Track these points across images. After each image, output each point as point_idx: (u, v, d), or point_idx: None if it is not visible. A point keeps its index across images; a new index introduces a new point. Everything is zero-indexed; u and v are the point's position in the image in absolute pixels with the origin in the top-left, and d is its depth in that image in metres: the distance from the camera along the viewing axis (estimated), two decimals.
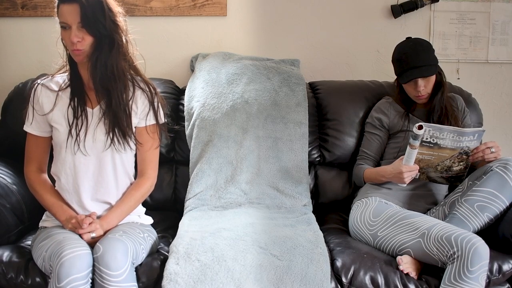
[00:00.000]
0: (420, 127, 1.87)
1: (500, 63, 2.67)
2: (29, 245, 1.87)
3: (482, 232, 1.84)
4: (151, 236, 1.87)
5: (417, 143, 1.90)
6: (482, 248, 1.67)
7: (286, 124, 2.28)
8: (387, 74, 2.63)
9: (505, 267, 1.81)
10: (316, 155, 2.37)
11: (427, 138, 1.91)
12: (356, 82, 2.46)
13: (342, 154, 2.34)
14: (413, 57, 2.06)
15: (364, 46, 2.65)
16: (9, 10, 2.53)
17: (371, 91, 2.39)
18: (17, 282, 1.73)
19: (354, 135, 2.32)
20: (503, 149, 2.00)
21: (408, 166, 1.95)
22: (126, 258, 1.58)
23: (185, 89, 2.41)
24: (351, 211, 2.09)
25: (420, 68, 2.04)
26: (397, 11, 2.57)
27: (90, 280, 1.56)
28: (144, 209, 2.00)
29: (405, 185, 2.00)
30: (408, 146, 1.93)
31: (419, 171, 1.99)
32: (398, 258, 1.80)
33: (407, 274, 1.77)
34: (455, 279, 1.67)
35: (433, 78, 2.08)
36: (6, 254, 1.77)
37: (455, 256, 1.68)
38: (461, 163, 1.97)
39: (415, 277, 1.77)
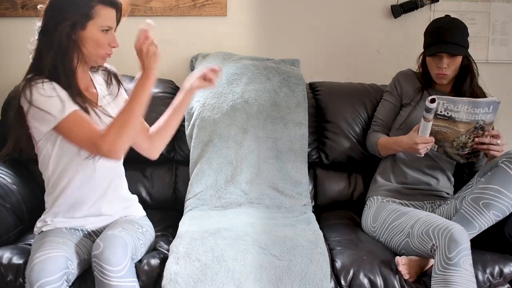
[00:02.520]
0: (433, 101, 1.84)
1: (500, 63, 2.67)
2: (28, 244, 1.87)
3: (487, 233, 1.84)
4: (149, 230, 1.86)
5: (430, 116, 1.88)
6: (457, 234, 1.67)
7: (286, 124, 2.28)
8: (387, 74, 2.62)
9: (506, 270, 1.82)
10: (315, 156, 2.37)
11: (441, 111, 1.87)
12: (355, 84, 2.46)
13: (340, 155, 2.34)
14: (446, 32, 2.02)
15: (364, 46, 2.65)
16: (9, 10, 2.53)
17: (370, 95, 2.38)
18: (16, 285, 1.72)
19: (352, 137, 2.33)
20: (504, 150, 1.99)
21: (423, 137, 1.93)
22: (125, 254, 1.57)
23: None
24: (363, 211, 2.13)
25: (449, 45, 2.00)
26: (397, 11, 2.57)
27: (66, 283, 1.54)
28: (136, 197, 1.98)
29: (422, 155, 1.98)
30: (422, 118, 1.91)
31: (436, 143, 1.97)
32: (397, 258, 1.80)
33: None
34: (439, 270, 1.67)
35: (458, 60, 2.04)
36: (5, 256, 1.76)
37: (435, 247, 1.70)
38: (477, 139, 1.93)
39: (411, 280, 1.77)
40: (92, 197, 1.78)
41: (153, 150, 1.93)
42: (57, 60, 1.65)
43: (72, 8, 1.65)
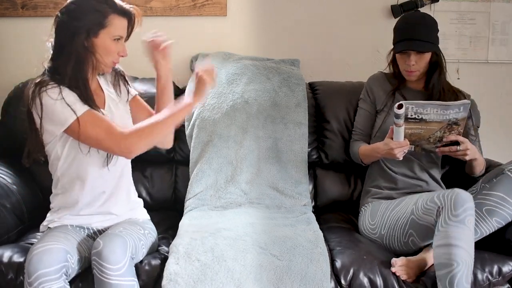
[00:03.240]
0: (400, 107, 1.84)
1: (500, 63, 2.67)
2: (29, 243, 1.87)
3: (488, 237, 1.83)
4: (152, 233, 1.88)
5: (400, 121, 1.88)
6: (463, 194, 1.70)
7: (286, 124, 2.28)
8: None
9: (505, 269, 1.81)
10: (315, 156, 2.37)
11: (411, 115, 1.88)
12: (354, 83, 2.46)
13: (340, 155, 2.34)
14: (413, 28, 2.01)
15: (364, 46, 2.65)
16: (9, 10, 2.53)
17: None
18: (17, 284, 1.72)
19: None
20: (504, 150, 2.00)
21: (398, 142, 1.93)
22: (125, 252, 1.58)
23: (185, 89, 2.40)
24: (358, 219, 2.12)
25: (416, 41, 1.99)
26: (397, 11, 2.57)
27: (65, 276, 1.54)
28: (142, 201, 2.00)
29: (400, 159, 1.98)
30: (393, 124, 1.92)
31: (412, 144, 1.97)
32: (393, 260, 1.79)
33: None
34: (441, 226, 1.69)
35: (426, 57, 2.03)
36: (6, 255, 1.76)
37: (440, 209, 1.71)
38: (453, 132, 1.93)
39: (409, 281, 1.75)
40: (101, 198, 1.80)
41: (163, 142, 1.95)
42: (75, 70, 1.68)
43: (87, 16, 1.67)
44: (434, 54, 2.04)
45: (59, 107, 1.63)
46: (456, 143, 1.93)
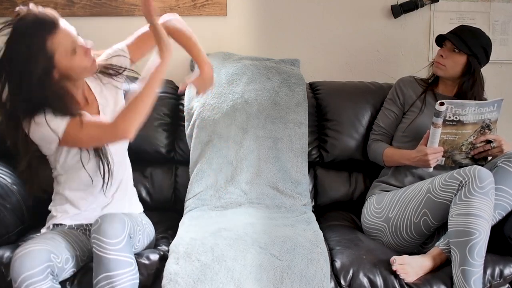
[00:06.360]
0: (442, 104, 1.86)
1: (500, 63, 2.67)
2: None
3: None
4: (149, 225, 1.90)
5: (440, 120, 1.89)
6: (485, 169, 1.75)
7: (286, 124, 2.28)
8: (387, 74, 2.63)
9: (506, 271, 1.82)
10: (315, 155, 2.37)
11: (449, 117, 1.90)
12: (356, 83, 2.46)
13: (341, 154, 2.34)
14: (460, 28, 2.09)
15: (364, 46, 2.65)
16: (9, 10, 2.53)
17: (371, 93, 2.39)
18: None
19: (354, 136, 2.33)
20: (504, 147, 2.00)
21: (432, 148, 1.94)
22: (123, 228, 1.58)
23: (185, 89, 2.41)
24: (362, 211, 2.13)
25: (456, 36, 2.05)
26: (397, 11, 2.57)
27: (51, 276, 1.53)
28: (135, 190, 2.01)
29: (431, 169, 1.99)
30: (431, 126, 1.92)
31: (443, 156, 1.98)
32: (392, 258, 1.78)
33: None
34: (464, 196, 1.72)
35: (458, 58, 2.05)
36: (6, 256, 1.76)
37: (463, 183, 1.74)
38: (473, 152, 1.98)
39: (409, 280, 1.74)
40: (102, 203, 1.82)
41: None
42: (58, 103, 1.65)
43: (35, 59, 1.59)
44: (470, 63, 2.05)
45: (45, 130, 1.62)
46: (488, 142, 1.97)
